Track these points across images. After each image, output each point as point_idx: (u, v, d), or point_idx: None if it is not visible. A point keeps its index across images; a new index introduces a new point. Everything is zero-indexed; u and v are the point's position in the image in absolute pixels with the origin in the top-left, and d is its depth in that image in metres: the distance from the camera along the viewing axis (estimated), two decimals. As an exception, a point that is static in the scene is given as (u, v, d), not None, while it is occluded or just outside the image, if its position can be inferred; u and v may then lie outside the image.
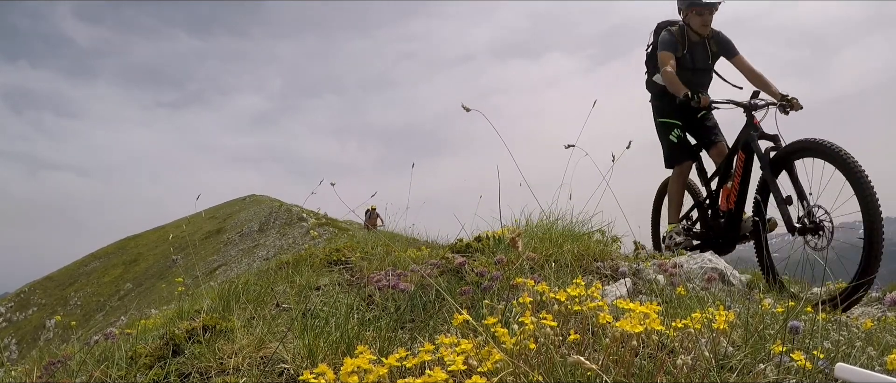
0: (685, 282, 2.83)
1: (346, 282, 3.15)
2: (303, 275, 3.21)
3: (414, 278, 2.53)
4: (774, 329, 1.86)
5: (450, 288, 2.38)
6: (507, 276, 2.32)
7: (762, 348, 1.67)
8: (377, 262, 3.43)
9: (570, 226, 3.72)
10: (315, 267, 3.47)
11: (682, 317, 1.60)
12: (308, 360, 1.79)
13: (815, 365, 1.45)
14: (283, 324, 2.21)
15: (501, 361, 1.24)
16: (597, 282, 1.95)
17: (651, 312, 1.34)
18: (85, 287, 30.77)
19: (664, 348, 1.57)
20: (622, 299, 1.69)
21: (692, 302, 2.28)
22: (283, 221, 25.96)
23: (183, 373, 1.93)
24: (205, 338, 2.06)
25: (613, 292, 2.60)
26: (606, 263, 3.21)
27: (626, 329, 1.26)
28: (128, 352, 2.08)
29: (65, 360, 2.27)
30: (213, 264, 23.23)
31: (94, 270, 32.98)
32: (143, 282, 26.93)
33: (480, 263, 2.78)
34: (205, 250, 25.99)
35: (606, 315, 1.42)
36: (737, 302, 2.62)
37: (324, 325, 1.98)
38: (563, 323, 1.52)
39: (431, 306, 2.29)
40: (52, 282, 33.72)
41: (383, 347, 1.80)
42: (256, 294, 2.77)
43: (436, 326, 2.05)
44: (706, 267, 3.45)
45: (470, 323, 1.40)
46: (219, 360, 1.93)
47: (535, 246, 3.16)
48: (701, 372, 1.48)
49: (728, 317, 1.56)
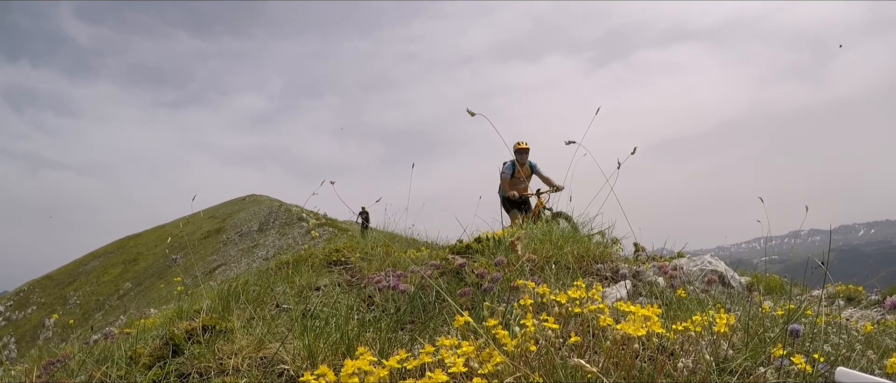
0: (685, 285, 2.83)
1: (346, 283, 3.15)
2: (302, 276, 3.20)
3: (414, 279, 2.53)
4: (774, 332, 1.86)
5: (450, 289, 2.38)
6: (507, 278, 2.32)
7: (762, 351, 1.67)
8: (377, 263, 3.42)
9: (570, 227, 3.71)
10: (315, 267, 3.47)
11: (683, 320, 1.59)
12: (308, 361, 1.79)
13: (816, 369, 1.45)
14: (283, 325, 2.21)
15: (502, 363, 1.24)
16: (597, 284, 1.95)
17: (652, 315, 1.34)
18: (84, 286, 30.74)
19: (664, 350, 1.57)
20: (622, 301, 1.69)
21: (692, 305, 2.28)
22: (282, 221, 25.95)
23: (182, 374, 1.93)
24: (204, 339, 2.05)
25: (614, 294, 2.60)
26: (607, 265, 3.21)
27: (628, 332, 1.26)
28: (127, 352, 2.07)
29: (64, 360, 2.27)
30: (212, 264, 23.21)
31: (93, 269, 32.96)
32: (143, 281, 26.91)
33: (480, 265, 2.78)
34: (204, 250, 25.98)
35: (607, 317, 1.42)
36: (737, 305, 2.62)
37: (324, 326, 1.98)
38: (564, 325, 1.52)
39: (431, 307, 2.28)
40: (52, 280, 33.70)
41: (383, 348, 1.79)
42: (256, 294, 2.77)
43: (436, 327, 2.04)
44: (706, 269, 3.45)
45: (470, 325, 1.40)
46: (218, 361, 1.93)
47: (535, 247, 3.16)
48: (701, 374, 1.48)
49: (728, 320, 1.56)
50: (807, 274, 3.34)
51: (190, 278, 7.55)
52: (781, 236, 7.63)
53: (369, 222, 15.33)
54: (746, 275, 3.97)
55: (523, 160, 8.20)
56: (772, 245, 3.81)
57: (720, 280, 3.38)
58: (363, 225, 15.95)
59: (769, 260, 3.91)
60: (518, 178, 8.26)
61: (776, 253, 3.84)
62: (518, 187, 8.33)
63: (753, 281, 3.81)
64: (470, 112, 2.79)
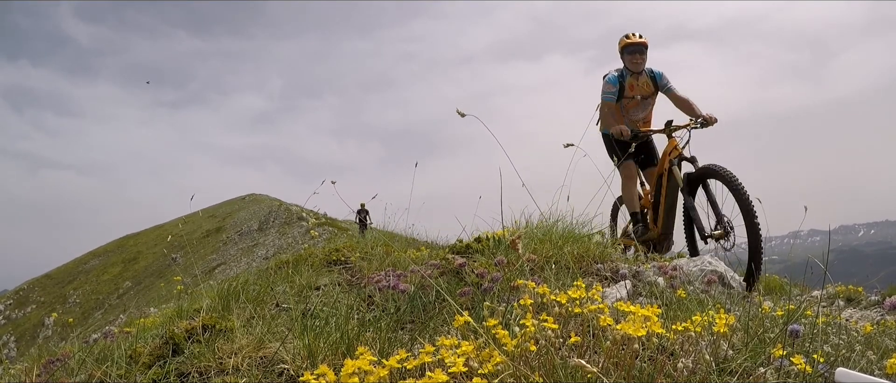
0: (685, 285, 2.83)
1: (346, 283, 3.15)
2: (302, 275, 3.20)
3: (414, 279, 2.53)
4: (774, 332, 1.86)
5: (450, 289, 2.38)
6: (507, 278, 2.32)
7: (762, 351, 1.67)
8: (377, 263, 3.42)
9: (570, 227, 3.72)
10: (315, 267, 3.47)
11: (683, 320, 1.59)
12: (308, 361, 1.79)
13: (816, 369, 1.45)
14: (283, 324, 2.21)
15: (502, 363, 1.24)
16: (597, 284, 1.95)
17: (652, 315, 1.34)
18: (84, 285, 30.75)
19: (664, 351, 1.57)
20: (622, 301, 1.69)
21: (692, 305, 2.28)
22: (282, 221, 25.97)
23: (182, 373, 1.93)
24: (204, 338, 2.05)
25: (613, 294, 2.60)
26: (606, 265, 3.21)
27: (628, 332, 1.26)
28: (127, 351, 2.07)
29: (64, 358, 2.27)
30: (212, 263, 23.23)
31: (93, 268, 32.97)
32: (142, 280, 26.92)
33: (480, 264, 2.78)
34: (204, 249, 25.99)
35: (607, 317, 1.42)
36: (736, 305, 2.62)
37: (324, 326, 1.98)
38: (564, 325, 1.52)
39: (431, 307, 2.28)
40: (51, 279, 33.70)
41: (383, 348, 1.80)
42: (256, 293, 2.77)
43: (436, 327, 2.04)
44: (706, 269, 3.45)
45: (470, 325, 1.40)
46: (218, 360, 1.93)
47: (535, 247, 3.16)
48: (701, 375, 1.48)
49: (728, 321, 1.56)
50: (806, 274, 3.34)
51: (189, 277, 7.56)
52: (781, 236, 7.69)
53: (370, 220, 14.12)
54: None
55: (638, 65, 4.66)
56: (772, 245, 3.81)
57: (720, 280, 3.38)
58: (362, 224, 14.90)
59: (769, 260, 3.91)
60: (632, 99, 4.76)
61: (776, 253, 3.84)
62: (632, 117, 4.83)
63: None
64: (460, 113, 2.70)
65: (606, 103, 4.72)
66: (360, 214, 14.94)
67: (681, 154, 4.28)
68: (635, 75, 4.75)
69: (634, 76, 4.75)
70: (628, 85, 4.75)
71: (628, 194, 4.85)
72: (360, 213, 14.91)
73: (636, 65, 4.68)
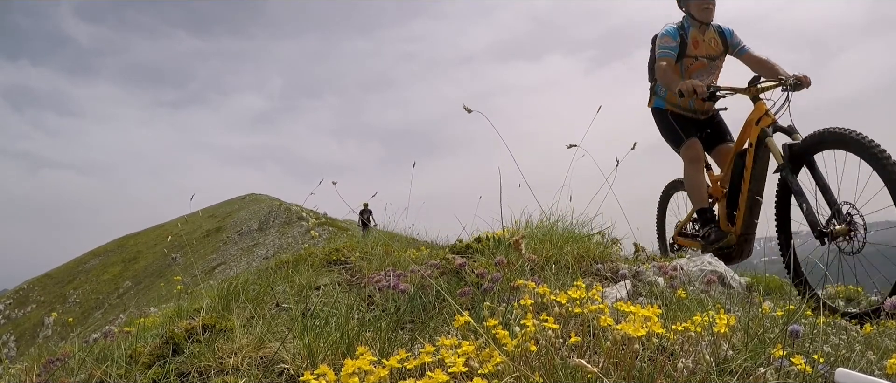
0: (685, 285, 2.83)
1: (346, 282, 3.15)
2: (302, 275, 3.20)
3: (414, 279, 2.53)
4: (774, 332, 1.86)
5: (450, 289, 2.38)
6: (507, 278, 2.32)
7: (762, 352, 1.67)
8: (377, 262, 3.42)
9: (570, 227, 3.72)
10: (315, 266, 3.47)
11: (683, 320, 1.60)
12: (308, 360, 1.79)
13: (816, 370, 1.45)
14: (283, 324, 2.21)
15: (502, 363, 1.24)
16: (597, 284, 1.95)
17: (652, 315, 1.34)
18: (84, 284, 30.76)
19: (664, 351, 1.57)
20: (622, 301, 1.69)
21: (692, 305, 2.28)
22: (282, 220, 25.97)
23: (182, 373, 1.93)
24: (204, 338, 2.05)
25: (613, 294, 2.60)
26: (606, 265, 3.21)
27: (628, 332, 1.26)
28: (127, 351, 2.07)
29: (64, 358, 2.27)
30: (212, 263, 23.23)
31: (93, 268, 32.97)
32: (142, 280, 26.93)
33: (480, 264, 2.78)
34: (204, 249, 26.00)
35: (607, 317, 1.42)
36: (736, 305, 2.62)
37: (324, 325, 1.98)
38: (564, 325, 1.52)
39: (431, 307, 2.28)
40: (51, 279, 33.71)
41: (383, 348, 1.80)
42: (256, 293, 2.77)
43: (436, 327, 2.04)
44: (706, 269, 3.45)
45: (471, 325, 1.40)
46: (218, 360, 1.93)
47: (535, 247, 3.16)
48: (701, 375, 1.48)
49: (728, 321, 1.56)
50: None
51: (189, 277, 7.56)
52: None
53: (373, 221, 13.00)
54: (746, 276, 3.97)
55: (709, 14, 3.62)
56: (772, 245, 3.81)
57: (720, 280, 3.38)
58: (364, 224, 13.83)
59: (769, 260, 3.91)
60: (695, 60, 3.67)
61: (776, 253, 3.84)
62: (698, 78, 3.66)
63: (753, 281, 3.81)
64: (466, 109, 2.77)
65: (664, 59, 3.58)
66: (363, 215, 14.04)
67: (774, 121, 3.27)
68: (701, 27, 3.66)
69: (700, 29, 3.66)
70: (692, 40, 3.64)
71: (694, 183, 3.80)
72: (362, 214, 14.04)
73: (706, 13, 3.60)
